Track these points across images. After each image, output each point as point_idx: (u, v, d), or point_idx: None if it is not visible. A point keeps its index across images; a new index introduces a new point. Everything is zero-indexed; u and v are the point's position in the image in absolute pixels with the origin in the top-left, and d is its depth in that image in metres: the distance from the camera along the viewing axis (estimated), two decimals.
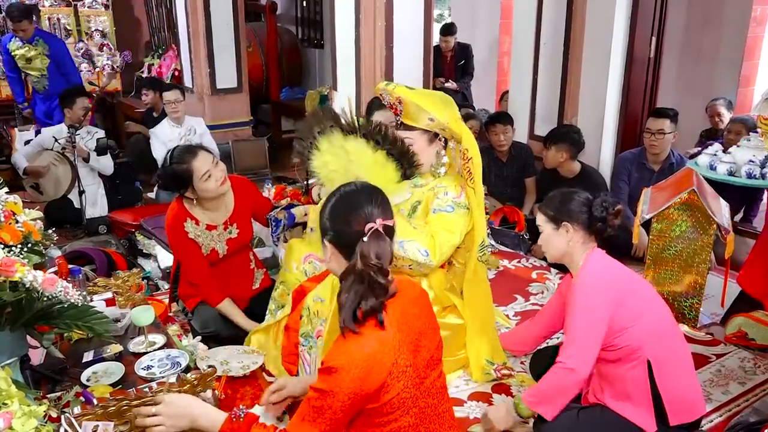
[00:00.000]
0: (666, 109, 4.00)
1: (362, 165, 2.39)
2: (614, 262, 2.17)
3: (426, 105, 2.47)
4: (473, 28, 7.79)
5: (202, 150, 2.68)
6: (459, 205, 2.51)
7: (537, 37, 4.73)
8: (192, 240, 2.74)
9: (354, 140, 2.43)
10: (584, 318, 2.02)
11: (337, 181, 2.31)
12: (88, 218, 4.46)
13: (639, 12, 4.29)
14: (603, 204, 2.13)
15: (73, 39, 6.80)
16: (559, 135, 4.02)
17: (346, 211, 1.59)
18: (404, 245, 2.37)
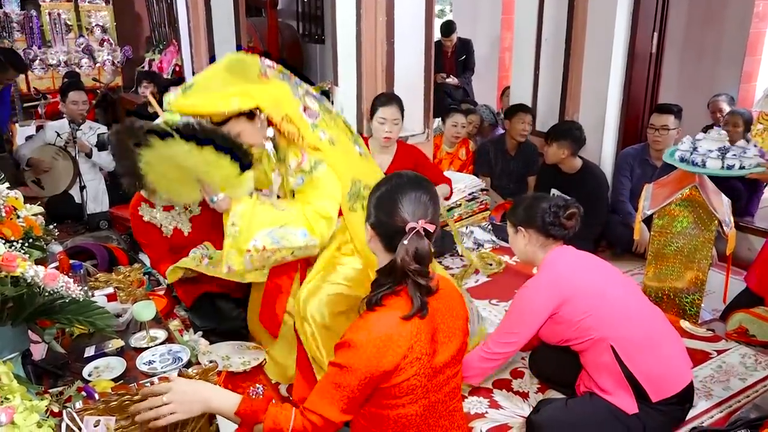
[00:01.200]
0: (670, 105, 3.99)
1: (194, 167, 2.12)
2: (569, 260, 2.24)
3: (203, 108, 2.16)
4: (474, 24, 7.77)
5: None
6: (304, 171, 2.25)
7: (538, 33, 4.73)
8: (147, 222, 2.84)
9: (175, 144, 2.04)
10: (520, 311, 2.21)
11: (184, 191, 2.21)
12: (90, 213, 4.46)
13: (640, 8, 4.28)
14: (552, 209, 2.21)
15: (73, 34, 6.79)
16: (560, 131, 4.02)
17: (389, 202, 1.58)
18: (275, 234, 2.16)
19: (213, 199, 2.19)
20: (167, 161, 2.10)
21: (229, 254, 2.17)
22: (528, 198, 2.35)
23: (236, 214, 2.16)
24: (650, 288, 3.26)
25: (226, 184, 2.14)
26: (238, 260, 2.16)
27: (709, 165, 2.98)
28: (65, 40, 6.73)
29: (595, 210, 3.85)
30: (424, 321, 1.55)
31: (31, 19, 6.48)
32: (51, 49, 6.59)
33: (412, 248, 1.52)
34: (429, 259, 1.56)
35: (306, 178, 2.24)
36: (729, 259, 3.11)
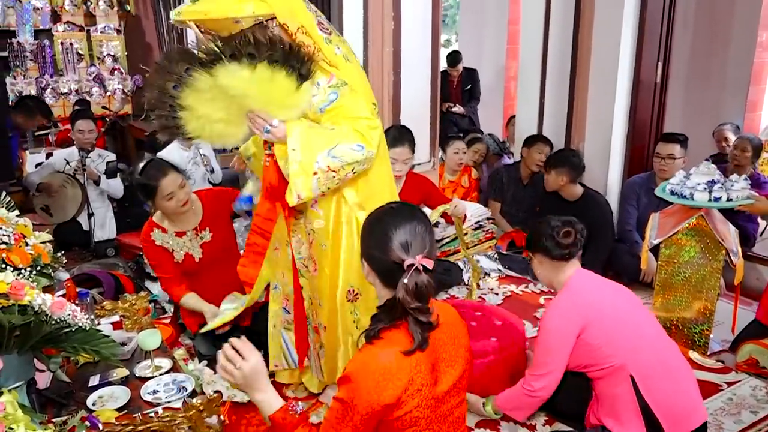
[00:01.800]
0: (676, 134, 4.01)
1: (246, 93, 1.98)
2: (590, 283, 2.25)
3: (220, 12, 1.97)
4: (480, 53, 7.85)
5: (174, 170, 2.79)
6: (337, 86, 2.11)
7: (543, 63, 4.77)
8: (159, 246, 2.85)
9: (224, 69, 1.93)
10: (546, 341, 2.19)
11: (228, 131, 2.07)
12: (97, 241, 4.48)
13: (645, 37, 4.32)
14: (548, 231, 2.26)
15: (85, 63, 6.90)
16: (558, 159, 4.04)
17: (382, 237, 1.55)
18: (334, 153, 2.04)
19: (268, 129, 2.04)
20: (212, 97, 1.99)
21: (296, 181, 2.03)
22: (534, 223, 2.40)
23: (295, 139, 2.02)
24: (658, 318, 3.23)
25: (282, 104, 2.01)
26: (306, 186, 2.03)
27: (697, 198, 3.02)
28: (77, 68, 6.84)
29: (600, 238, 3.85)
30: (424, 353, 1.55)
31: (43, 48, 6.59)
32: (63, 78, 6.69)
33: (411, 285, 1.50)
34: (429, 295, 1.55)
35: (340, 92, 2.10)
36: (737, 289, 3.09)
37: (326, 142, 2.04)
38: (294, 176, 2.03)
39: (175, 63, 1.97)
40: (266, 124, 2.03)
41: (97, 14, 7.01)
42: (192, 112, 2.01)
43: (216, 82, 1.94)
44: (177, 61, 1.97)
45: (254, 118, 2.04)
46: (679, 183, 3.14)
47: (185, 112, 2.01)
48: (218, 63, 1.93)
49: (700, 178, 3.07)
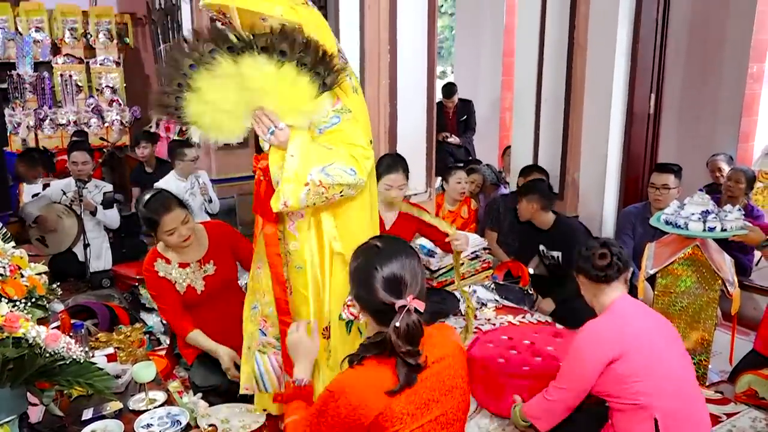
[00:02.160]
0: (670, 165, 4.04)
1: (263, 88, 1.92)
2: (633, 312, 2.21)
3: (250, 4, 1.93)
4: (475, 85, 7.95)
5: (178, 206, 2.74)
6: (343, 112, 2.07)
7: (538, 94, 4.83)
8: (163, 278, 2.80)
9: (250, 59, 1.86)
10: (572, 361, 2.21)
11: (228, 124, 1.99)
12: (92, 272, 4.47)
13: (637, 69, 4.39)
14: (584, 253, 2.27)
15: (83, 95, 6.96)
16: (528, 187, 4.09)
17: (367, 278, 1.56)
18: (328, 170, 1.99)
19: (272, 130, 1.97)
20: (224, 85, 1.91)
21: (285, 188, 1.97)
22: (579, 248, 2.38)
23: (296, 145, 1.97)
24: None
25: (295, 109, 1.96)
26: (294, 194, 1.97)
27: (691, 227, 3.04)
28: (75, 100, 6.90)
29: None
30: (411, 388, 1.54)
31: (43, 80, 6.66)
32: (61, 109, 6.75)
33: (403, 328, 1.49)
34: (420, 337, 1.54)
35: (342, 118, 2.06)
36: (734, 319, 3.09)
37: (323, 158, 2.00)
38: (285, 182, 1.98)
39: (203, 41, 1.89)
40: (272, 125, 1.97)
41: (96, 47, 7.10)
42: (199, 96, 1.94)
43: (238, 71, 1.89)
44: (205, 40, 1.89)
45: (261, 117, 1.98)
46: (673, 213, 3.16)
47: (192, 94, 1.94)
48: (247, 52, 1.87)
49: (695, 208, 3.09)
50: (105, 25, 7.13)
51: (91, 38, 7.08)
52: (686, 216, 3.08)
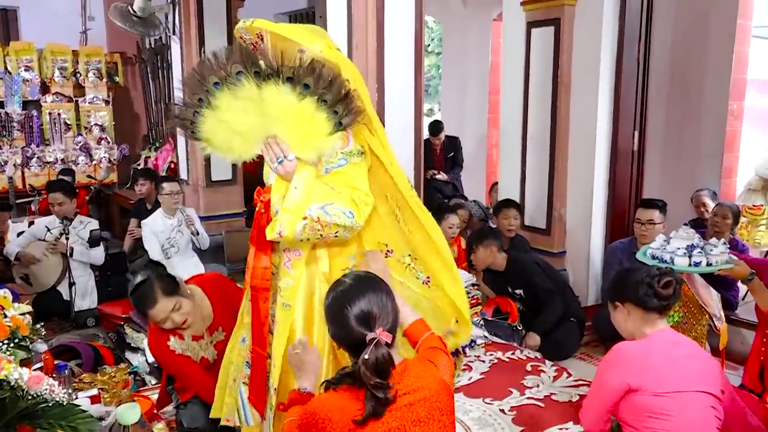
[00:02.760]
0: (655, 200, 4.10)
1: (280, 117, 1.94)
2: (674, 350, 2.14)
3: (292, 35, 1.98)
4: (462, 122, 8.06)
5: (165, 296, 2.54)
6: (351, 154, 2.09)
7: (524, 131, 4.90)
8: (180, 355, 2.66)
9: (274, 86, 1.89)
10: (596, 383, 2.20)
11: (240, 146, 2.01)
12: (77, 311, 4.41)
13: (621, 108, 4.48)
14: (646, 280, 2.15)
15: (72, 133, 6.97)
16: (480, 234, 4.17)
17: (339, 314, 1.63)
18: (327, 209, 2.00)
19: (281, 160, 1.97)
20: (243, 108, 1.94)
21: (283, 218, 1.99)
22: (620, 272, 2.32)
23: (301, 178, 1.99)
24: None
25: (306, 143, 1.98)
26: (291, 226, 1.98)
27: (677, 262, 3.05)
28: (64, 138, 6.92)
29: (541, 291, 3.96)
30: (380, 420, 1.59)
31: (31, 118, 6.68)
32: (49, 147, 6.75)
33: (372, 361, 1.55)
34: (389, 369, 1.59)
35: (350, 161, 2.07)
36: (723, 354, 3.09)
37: (324, 196, 2.02)
38: (284, 212, 2.00)
39: (232, 62, 1.92)
40: (282, 154, 1.98)
41: (86, 85, 7.15)
42: (217, 114, 1.97)
43: (259, 95, 1.92)
44: (234, 61, 1.92)
45: (272, 145, 1.99)
46: (659, 247, 3.19)
47: (210, 111, 1.97)
48: (272, 79, 1.90)
49: (680, 242, 3.12)
50: (95, 64, 7.19)
51: (80, 77, 7.13)
52: (672, 251, 3.10)
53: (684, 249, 3.07)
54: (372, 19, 3.38)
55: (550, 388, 3.24)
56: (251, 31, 2.02)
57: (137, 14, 5.67)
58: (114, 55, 7.58)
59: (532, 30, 4.75)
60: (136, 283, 2.54)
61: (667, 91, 5.61)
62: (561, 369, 3.46)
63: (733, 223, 4.36)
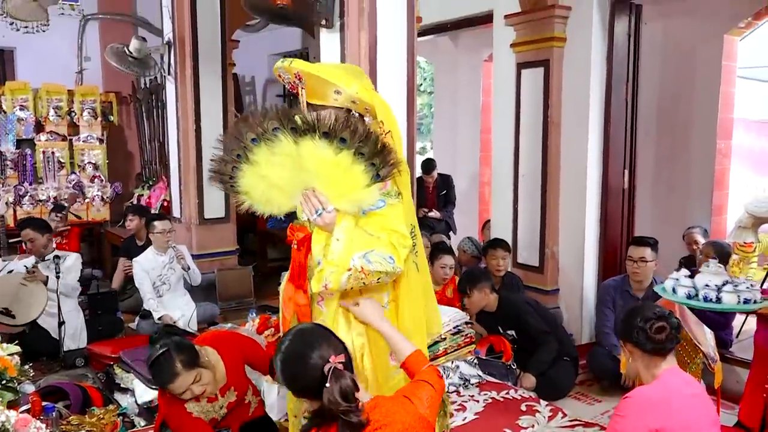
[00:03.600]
0: (646, 238, 4.12)
1: (318, 171, 1.99)
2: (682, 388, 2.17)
3: (330, 76, 2.08)
4: (454, 160, 8.13)
5: (186, 368, 2.48)
6: (389, 195, 2.12)
7: (515, 169, 4.95)
8: (197, 418, 2.62)
9: (311, 141, 1.95)
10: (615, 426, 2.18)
11: (278, 199, 2.07)
12: (66, 350, 4.34)
13: (610, 146, 4.55)
14: (640, 323, 2.18)
15: (65, 171, 6.98)
16: (474, 277, 4.13)
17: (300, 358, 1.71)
18: (369, 257, 2.04)
19: (320, 212, 2.01)
20: (281, 162, 1.98)
21: (328, 270, 2.02)
22: (626, 311, 2.32)
23: (342, 230, 2.03)
24: None
25: (345, 195, 2.02)
26: (336, 278, 2.02)
27: (726, 300, 2.93)
28: (57, 176, 6.92)
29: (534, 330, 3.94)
30: None
31: (25, 157, 6.69)
32: (42, 186, 6.75)
33: (336, 388, 1.63)
34: (353, 392, 1.66)
35: (387, 202, 2.10)
36: (718, 393, 3.07)
37: (365, 244, 2.05)
38: (328, 265, 2.03)
39: (269, 119, 1.98)
40: (320, 206, 2.02)
41: (80, 124, 7.20)
42: (255, 169, 2.02)
43: (297, 151, 1.96)
44: (271, 118, 1.98)
45: (310, 197, 2.03)
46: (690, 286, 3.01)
47: (249, 166, 2.02)
48: (309, 134, 1.95)
49: (710, 278, 2.98)
50: (90, 104, 7.24)
51: (75, 116, 7.18)
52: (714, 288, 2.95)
53: (730, 285, 2.93)
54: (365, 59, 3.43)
55: (546, 428, 3.20)
56: (290, 71, 2.09)
57: (133, 55, 5.75)
58: (109, 95, 7.65)
59: (522, 71, 4.84)
60: (156, 356, 2.47)
61: (655, 130, 5.71)
62: (556, 409, 3.42)
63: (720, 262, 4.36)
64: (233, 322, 4.58)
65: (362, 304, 2.05)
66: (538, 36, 4.67)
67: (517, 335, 4.02)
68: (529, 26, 4.73)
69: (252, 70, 8.97)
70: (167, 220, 5.00)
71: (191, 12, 5.65)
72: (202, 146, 5.93)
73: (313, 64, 2.13)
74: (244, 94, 9.15)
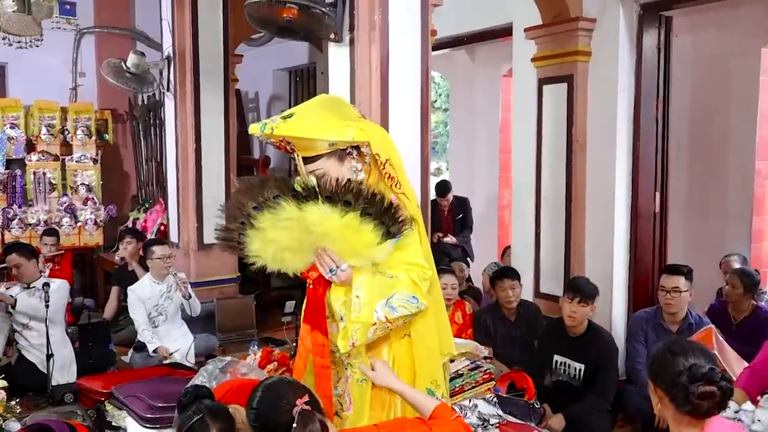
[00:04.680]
0: (679, 266, 4.08)
1: (327, 233, 2.10)
2: None
3: (315, 132, 2.15)
4: (471, 182, 8.14)
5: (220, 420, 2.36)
6: None
7: (537, 191, 4.94)
8: None
9: (314, 206, 2.06)
10: None
11: (291, 259, 2.18)
12: (54, 385, 4.33)
13: (640, 166, 4.53)
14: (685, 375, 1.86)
15: (56, 193, 7.03)
16: (590, 291, 3.95)
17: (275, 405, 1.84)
18: (392, 303, 2.14)
19: (333, 270, 2.13)
20: (288, 226, 2.09)
21: (353, 329, 2.13)
22: (663, 349, 2.00)
23: (360, 286, 2.14)
24: None
25: (357, 254, 2.12)
26: (363, 334, 2.13)
27: None
28: (48, 199, 6.97)
29: (605, 377, 3.84)
30: None
31: (14, 178, 6.76)
32: (31, 208, 6.79)
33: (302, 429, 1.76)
34: None
35: (403, 233, 2.19)
36: None
37: (386, 290, 2.14)
38: (353, 323, 2.13)
39: (267, 188, 2.10)
40: (334, 265, 2.13)
41: (74, 143, 7.26)
42: (262, 234, 2.12)
43: (301, 215, 2.07)
44: (270, 187, 2.10)
45: (323, 255, 2.14)
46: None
47: (255, 232, 2.12)
48: (311, 200, 2.06)
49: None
50: (84, 122, 7.31)
51: (68, 135, 7.24)
52: None
53: None
54: (376, 74, 3.47)
55: None
56: (274, 138, 2.20)
57: (131, 70, 5.83)
58: (104, 112, 7.73)
59: (544, 86, 4.87)
60: (190, 425, 2.36)
61: (688, 149, 5.69)
62: None
63: (745, 292, 4.31)
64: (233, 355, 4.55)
65: (377, 368, 2.17)
66: (560, 50, 4.69)
67: (583, 373, 3.92)
68: (551, 39, 4.75)
69: (256, 86, 9.09)
70: (166, 245, 5.02)
71: (192, 25, 5.73)
72: (202, 166, 5.98)
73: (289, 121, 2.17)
74: (247, 112, 9.25)
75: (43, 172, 6.97)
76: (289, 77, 9.03)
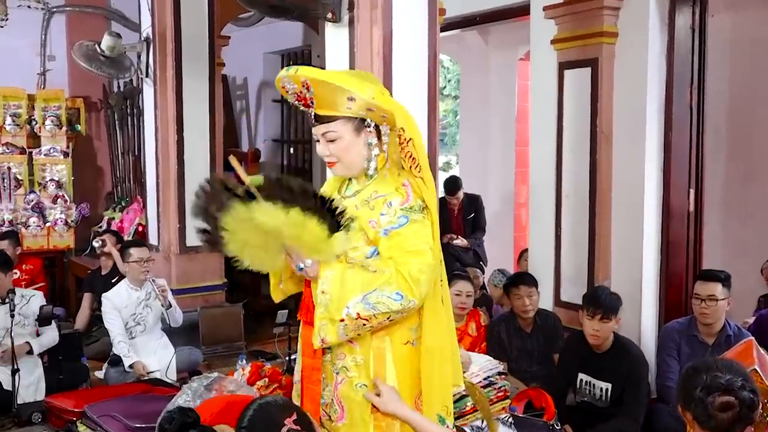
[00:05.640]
0: (715, 272, 4.06)
1: (278, 231, 2.22)
2: None
3: (342, 82, 2.22)
4: (484, 177, 8.13)
5: None
6: (412, 211, 2.28)
7: (558, 188, 4.92)
8: None
9: (258, 206, 2.19)
10: None
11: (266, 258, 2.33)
12: (20, 404, 4.35)
13: (672, 161, 4.51)
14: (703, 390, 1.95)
15: (23, 190, 7.03)
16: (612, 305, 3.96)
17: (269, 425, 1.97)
18: (369, 299, 2.21)
19: (300, 267, 2.28)
20: (249, 227, 2.22)
21: (320, 325, 2.26)
22: (687, 368, 2.11)
23: (326, 281, 2.26)
24: None
25: (313, 249, 2.25)
26: (331, 332, 2.25)
27: None
28: (13, 196, 6.98)
29: (634, 397, 3.81)
30: None
31: None
32: None
33: None
34: None
35: (410, 218, 2.27)
36: None
37: (363, 286, 2.23)
38: (319, 319, 2.26)
39: (218, 191, 2.26)
40: (299, 261, 2.27)
41: (42, 135, 7.26)
42: (233, 235, 2.25)
43: (250, 215, 2.19)
44: (220, 190, 2.25)
45: (290, 253, 2.29)
46: None
47: (227, 233, 2.26)
48: (254, 201, 2.19)
49: None
50: (54, 111, 7.30)
51: (36, 125, 7.25)
52: None
53: None
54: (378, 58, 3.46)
55: None
56: (295, 80, 2.26)
57: (105, 54, 5.83)
58: (76, 101, 7.74)
59: (565, 72, 4.85)
60: None
61: (726, 142, 5.67)
62: None
63: None
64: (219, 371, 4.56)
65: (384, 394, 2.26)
66: (584, 31, 4.67)
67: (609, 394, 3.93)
68: (573, 19, 4.74)
69: (244, 70, 9.09)
70: (145, 247, 5.02)
71: (174, 3, 5.73)
72: (184, 160, 5.98)
73: (323, 70, 2.29)
74: (234, 99, 9.26)
75: (8, 166, 6.99)
76: (281, 61, 9.02)
